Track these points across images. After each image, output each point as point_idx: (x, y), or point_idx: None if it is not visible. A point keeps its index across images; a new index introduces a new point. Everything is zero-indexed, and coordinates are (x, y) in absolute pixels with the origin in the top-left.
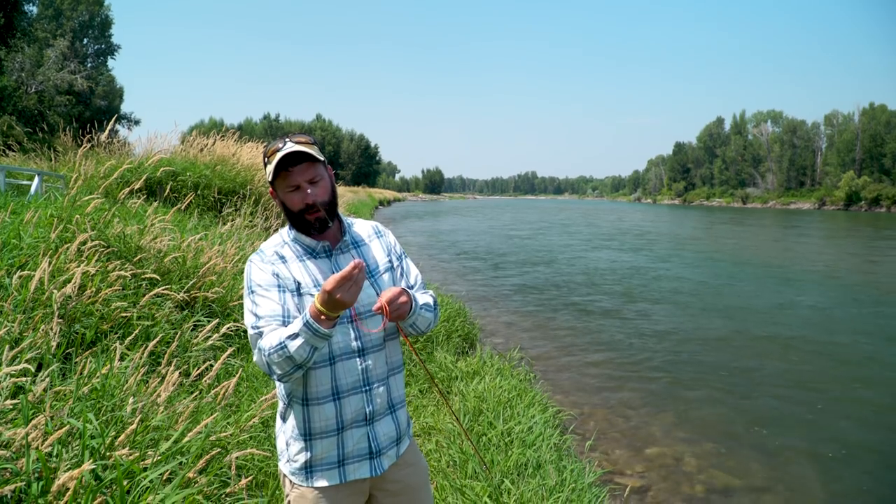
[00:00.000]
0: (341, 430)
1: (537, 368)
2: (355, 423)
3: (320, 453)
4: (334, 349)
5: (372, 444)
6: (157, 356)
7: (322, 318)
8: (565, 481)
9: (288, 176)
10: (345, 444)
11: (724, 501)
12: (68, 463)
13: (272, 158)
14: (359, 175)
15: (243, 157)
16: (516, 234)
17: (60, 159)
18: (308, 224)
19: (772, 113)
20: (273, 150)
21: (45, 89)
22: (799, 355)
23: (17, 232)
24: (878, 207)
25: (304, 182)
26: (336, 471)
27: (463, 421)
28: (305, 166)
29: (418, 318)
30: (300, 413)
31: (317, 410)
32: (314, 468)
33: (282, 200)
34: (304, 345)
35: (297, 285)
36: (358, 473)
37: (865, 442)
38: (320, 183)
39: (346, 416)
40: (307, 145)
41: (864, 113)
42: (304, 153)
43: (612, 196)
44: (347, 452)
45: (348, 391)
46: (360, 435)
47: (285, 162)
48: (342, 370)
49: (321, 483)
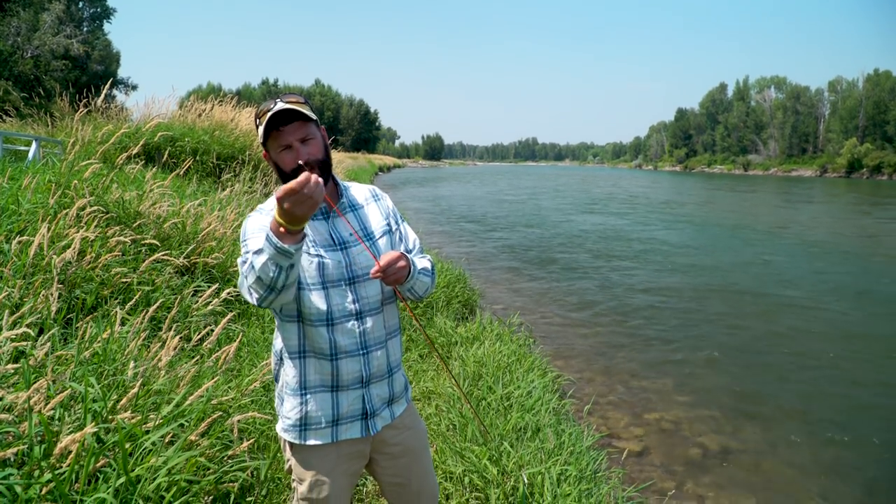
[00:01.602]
0: (337, 389)
1: (537, 334)
2: (352, 385)
3: (314, 410)
4: (333, 311)
5: (367, 405)
6: (158, 321)
7: (281, 230)
8: (564, 444)
9: (279, 135)
10: (339, 403)
11: (721, 465)
12: (70, 426)
13: (263, 119)
14: (358, 141)
15: (242, 123)
16: (514, 199)
17: (58, 125)
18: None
19: (775, 79)
20: (264, 110)
21: (41, 54)
22: (796, 321)
23: (15, 197)
24: (879, 175)
25: (295, 141)
26: (329, 430)
27: (462, 385)
28: (297, 125)
29: (416, 283)
30: (297, 366)
31: (313, 364)
32: (308, 426)
33: (275, 162)
34: (269, 262)
35: None
36: (349, 433)
37: (863, 405)
38: (312, 142)
39: (342, 375)
40: (298, 104)
41: (868, 79)
42: (295, 111)
43: (613, 163)
44: (342, 412)
45: (345, 352)
46: (356, 396)
47: (276, 121)
48: (340, 331)
49: (314, 441)
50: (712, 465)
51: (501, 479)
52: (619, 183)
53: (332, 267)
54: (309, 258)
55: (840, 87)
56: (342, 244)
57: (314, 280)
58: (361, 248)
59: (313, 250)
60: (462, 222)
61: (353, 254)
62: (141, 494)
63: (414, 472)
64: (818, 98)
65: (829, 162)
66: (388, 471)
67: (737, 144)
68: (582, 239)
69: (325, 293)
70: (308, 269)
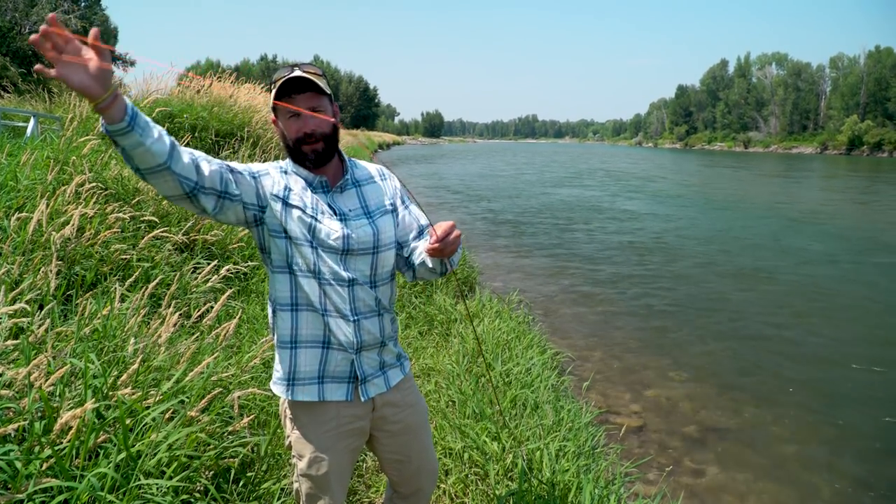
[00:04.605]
0: (328, 346)
1: (536, 311)
2: (342, 347)
3: (303, 364)
4: (321, 268)
5: (357, 369)
6: (158, 298)
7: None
8: (562, 420)
9: (291, 101)
10: (327, 360)
11: (719, 441)
12: (71, 402)
13: (277, 84)
14: (357, 118)
15: (241, 99)
16: (521, 175)
17: (56, 100)
18: (303, 155)
19: (776, 55)
20: (280, 76)
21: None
22: (796, 298)
23: (13, 174)
24: (880, 152)
25: (305, 108)
26: (316, 387)
27: (462, 363)
28: (309, 95)
29: (455, 256)
30: (289, 318)
31: (305, 317)
32: (296, 380)
33: (281, 129)
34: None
35: (287, 193)
36: (335, 395)
37: (863, 382)
38: (321, 112)
39: (333, 332)
40: (315, 76)
41: (869, 56)
42: (310, 81)
43: (613, 140)
44: (329, 370)
45: (337, 312)
46: (344, 357)
47: (289, 87)
48: (331, 291)
49: (301, 397)
50: (710, 441)
51: (501, 454)
52: (610, 160)
53: (323, 232)
54: (303, 219)
55: (841, 64)
56: (342, 215)
57: (304, 237)
58: (360, 223)
59: (309, 212)
60: (464, 200)
61: (352, 227)
62: (142, 469)
63: (414, 450)
64: (819, 75)
65: (829, 139)
66: (389, 448)
67: (737, 121)
68: (595, 219)
69: (315, 251)
70: (300, 227)
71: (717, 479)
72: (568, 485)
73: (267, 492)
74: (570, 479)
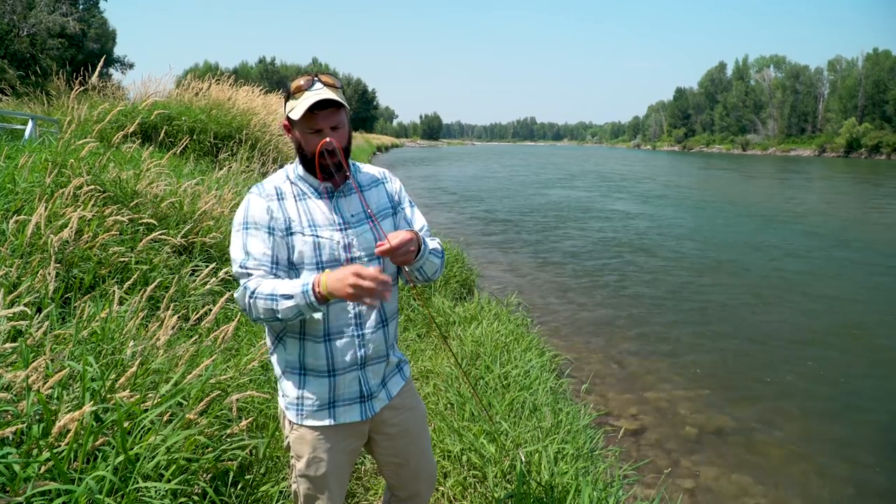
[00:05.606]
0: (333, 373)
1: (535, 314)
2: (347, 368)
3: (312, 390)
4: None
5: (363, 387)
6: (156, 300)
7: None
8: (561, 423)
9: (313, 118)
10: (336, 386)
11: (717, 443)
12: (69, 405)
13: (298, 96)
14: (356, 120)
15: (239, 102)
16: (515, 176)
17: (54, 103)
18: (322, 167)
19: (774, 58)
20: (302, 87)
21: (37, 32)
22: (795, 299)
23: (11, 176)
24: (878, 155)
25: (327, 127)
26: (327, 411)
27: (461, 365)
28: (331, 111)
29: (426, 263)
30: (295, 347)
31: (311, 347)
32: (305, 406)
33: (298, 139)
34: (294, 307)
35: (288, 224)
36: (348, 417)
37: (858, 383)
38: (341, 130)
39: (337, 357)
40: (335, 90)
41: (867, 58)
42: (334, 100)
43: (612, 142)
44: (339, 394)
45: (339, 333)
46: (352, 378)
47: (314, 105)
48: (333, 311)
49: (311, 423)
50: (709, 444)
51: (499, 457)
52: (606, 163)
53: (328, 247)
54: (304, 239)
55: (839, 67)
56: (343, 224)
57: (309, 260)
58: (362, 229)
59: (309, 231)
60: (461, 202)
61: (353, 235)
62: (140, 472)
63: (412, 453)
64: (817, 77)
65: (827, 141)
66: (387, 451)
67: (736, 124)
68: (593, 223)
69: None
70: (304, 250)
71: (716, 481)
72: (566, 487)
73: (265, 494)
74: (569, 482)
